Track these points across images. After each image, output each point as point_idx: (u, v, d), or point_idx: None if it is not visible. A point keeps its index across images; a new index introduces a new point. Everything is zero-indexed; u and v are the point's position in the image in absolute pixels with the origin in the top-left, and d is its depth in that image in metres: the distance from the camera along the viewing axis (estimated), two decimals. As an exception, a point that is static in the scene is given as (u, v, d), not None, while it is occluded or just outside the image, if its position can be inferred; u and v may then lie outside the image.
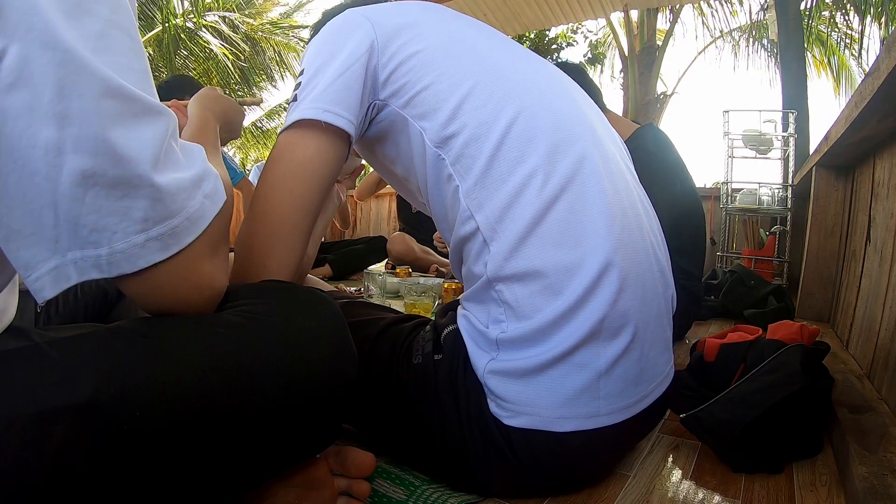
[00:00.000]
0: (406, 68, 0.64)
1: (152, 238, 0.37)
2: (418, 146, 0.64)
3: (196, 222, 0.40)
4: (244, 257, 0.61)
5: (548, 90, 0.66)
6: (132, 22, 0.38)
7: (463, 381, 0.62)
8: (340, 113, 0.62)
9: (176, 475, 0.41)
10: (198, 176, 0.41)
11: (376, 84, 0.65)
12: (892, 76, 0.81)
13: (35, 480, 0.35)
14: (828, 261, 1.83)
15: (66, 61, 0.33)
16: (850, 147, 1.43)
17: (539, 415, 0.58)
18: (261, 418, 0.44)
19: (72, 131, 0.33)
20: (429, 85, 0.63)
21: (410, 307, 1.49)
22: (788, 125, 3.09)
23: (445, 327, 0.67)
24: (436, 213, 0.69)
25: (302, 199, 0.62)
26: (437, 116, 0.62)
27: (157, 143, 0.37)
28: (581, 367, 0.58)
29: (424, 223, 2.79)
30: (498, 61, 0.66)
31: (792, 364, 0.79)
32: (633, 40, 6.72)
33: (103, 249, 0.36)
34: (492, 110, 0.61)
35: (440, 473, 0.67)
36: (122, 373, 0.38)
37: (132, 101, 0.36)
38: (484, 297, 0.62)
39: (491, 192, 0.60)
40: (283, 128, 0.64)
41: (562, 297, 0.57)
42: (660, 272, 0.66)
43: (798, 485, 0.71)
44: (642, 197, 0.71)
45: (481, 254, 0.61)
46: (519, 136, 0.60)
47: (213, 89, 0.75)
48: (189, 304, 0.43)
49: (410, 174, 0.69)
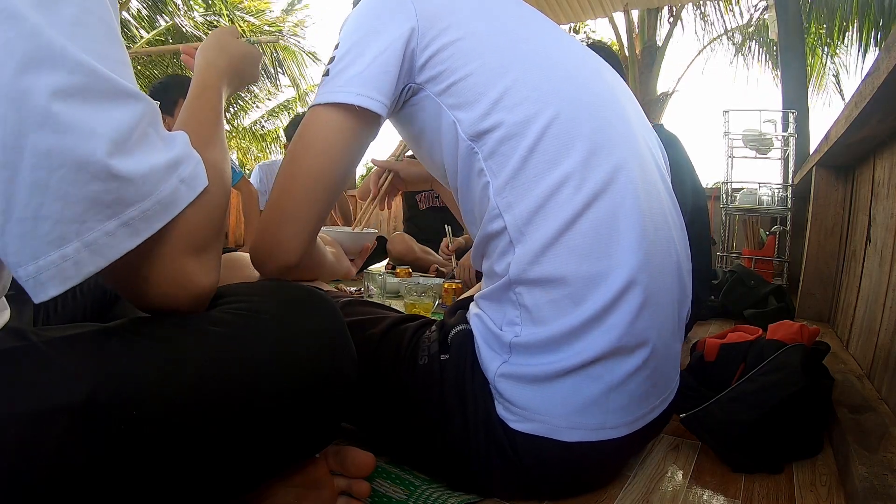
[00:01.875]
0: (446, 55, 0.61)
1: (123, 223, 0.35)
2: (450, 136, 0.62)
3: (168, 207, 0.38)
4: (263, 222, 0.61)
5: (590, 88, 0.63)
6: (109, 13, 0.37)
7: (470, 383, 0.61)
8: (375, 97, 0.60)
9: (174, 474, 0.41)
10: (174, 159, 0.39)
11: (413, 67, 0.63)
12: (892, 76, 0.81)
13: (33, 480, 0.35)
14: (828, 261, 1.83)
15: (28, 37, 0.31)
16: (850, 147, 1.43)
17: (547, 422, 0.57)
18: (259, 417, 0.44)
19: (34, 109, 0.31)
20: (468, 75, 0.60)
21: (410, 307, 1.49)
22: (788, 125, 3.09)
23: (453, 328, 0.66)
24: (463, 206, 0.68)
25: (322, 174, 0.61)
26: (473, 109, 0.60)
27: (125, 125, 0.35)
28: (594, 380, 0.57)
29: (429, 223, 2.78)
30: (540, 55, 0.63)
31: (792, 364, 0.78)
32: (634, 40, 6.72)
33: (70, 247, 0.33)
34: (530, 108, 0.59)
35: (440, 473, 0.67)
36: (119, 372, 0.38)
37: (103, 80, 0.34)
38: (502, 297, 0.61)
39: (522, 193, 0.58)
40: (315, 102, 0.62)
41: (581, 308, 0.56)
42: (680, 289, 0.66)
43: (798, 485, 0.71)
44: (673, 209, 0.69)
45: (506, 254, 0.60)
46: (556, 138, 0.58)
47: (221, 32, 0.66)
48: (174, 302, 0.42)
49: (439, 160, 0.67)
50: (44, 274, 0.33)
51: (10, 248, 0.33)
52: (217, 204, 0.44)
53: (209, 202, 0.42)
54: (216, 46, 0.64)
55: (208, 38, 0.65)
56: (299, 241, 0.61)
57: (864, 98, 0.99)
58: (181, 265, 0.41)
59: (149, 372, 0.39)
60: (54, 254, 0.33)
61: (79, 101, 0.33)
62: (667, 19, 6.91)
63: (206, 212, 0.42)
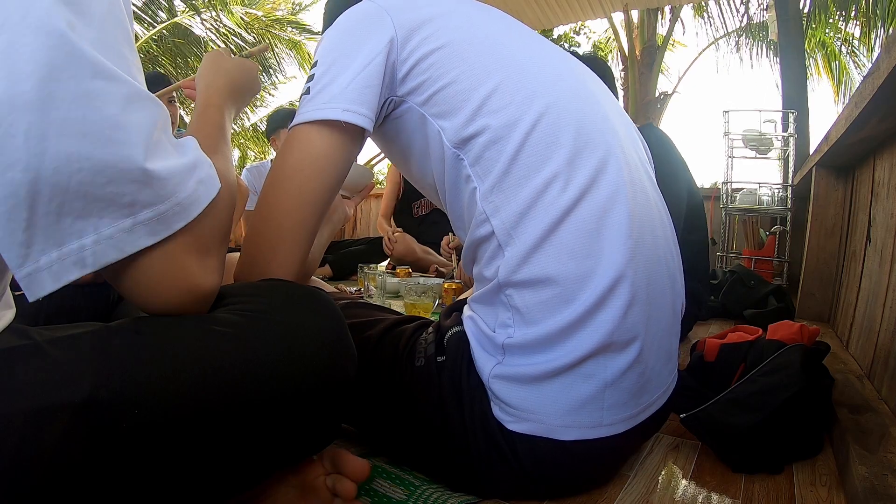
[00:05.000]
0: (426, 65, 0.62)
1: (140, 222, 0.37)
2: (436, 145, 0.63)
3: (187, 208, 0.40)
4: (248, 251, 0.61)
5: (572, 91, 0.64)
6: (124, 15, 0.39)
7: (466, 384, 0.61)
8: (362, 112, 0.61)
9: (175, 473, 0.41)
10: (191, 163, 0.41)
11: (394, 80, 0.63)
12: (893, 76, 0.81)
13: (34, 478, 0.35)
14: (828, 261, 1.83)
15: (56, 45, 0.33)
16: (850, 147, 1.43)
17: (542, 422, 0.58)
18: (261, 416, 0.44)
19: (58, 114, 0.33)
20: (449, 83, 0.61)
21: (410, 307, 1.49)
22: (788, 125, 3.09)
23: (449, 329, 0.66)
24: (452, 213, 0.68)
25: (313, 195, 0.61)
26: (457, 116, 0.60)
27: (147, 128, 0.37)
28: (587, 378, 0.57)
29: (424, 226, 2.78)
30: (521, 59, 0.64)
31: (792, 364, 0.79)
32: (634, 40, 6.72)
33: (89, 238, 0.35)
34: (514, 112, 0.59)
35: (440, 474, 0.67)
36: (120, 371, 0.38)
37: (123, 84, 0.36)
38: (493, 300, 0.61)
39: (509, 197, 0.59)
40: (297, 121, 0.62)
41: (572, 306, 0.57)
42: (671, 284, 0.66)
43: (798, 485, 0.71)
44: (660, 205, 0.69)
45: (495, 257, 0.60)
46: (540, 141, 0.59)
47: (215, 55, 0.67)
48: (176, 302, 0.42)
49: (426, 171, 0.68)
50: (68, 259, 0.35)
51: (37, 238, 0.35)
52: (223, 207, 0.45)
53: (216, 205, 0.43)
54: (212, 68, 0.65)
55: (202, 64, 0.67)
56: (294, 262, 0.61)
57: (864, 98, 0.99)
58: (184, 265, 0.41)
59: (151, 371, 0.39)
60: (75, 243, 0.35)
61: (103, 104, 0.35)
62: (666, 20, 6.92)
63: (213, 215, 0.43)
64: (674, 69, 24.50)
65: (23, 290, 0.35)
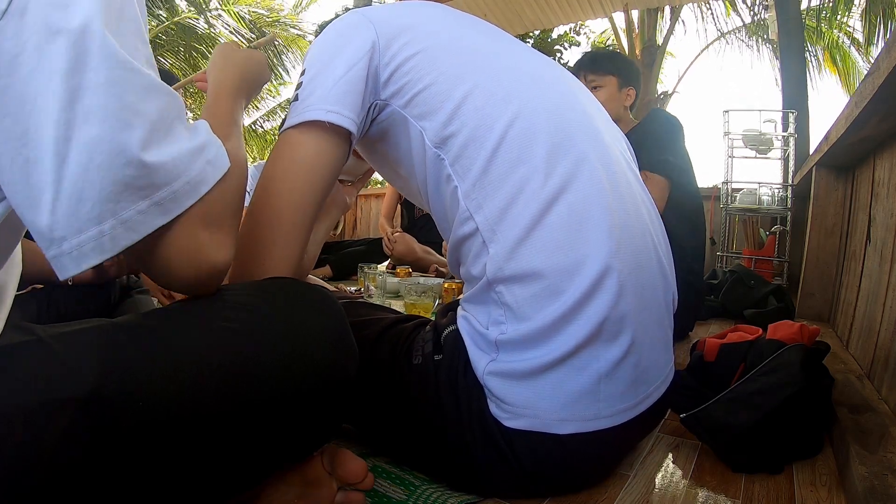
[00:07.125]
0: (407, 68, 0.64)
1: (154, 203, 0.38)
2: (418, 146, 0.64)
3: (196, 186, 0.41)
4: (242, 254, 0.61)
5: (549, 90, 0.66)
6: (136, 11, 0.40)
7: (463, 382, 0.62)
8: (344, 113, 0.62)
9: (177, 468, 0.41)
10: (200, 144, 0.42)
11: (377, 84, 0.65)
12: (893, 76, 0.81)
13: (37, 471, 0.35)
14: (828, 261, 1.83)
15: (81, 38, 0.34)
16: (850, 147, 1.43)
17: (539, 417, 0.58)
18: (261, 412, 0.44)
19: (84, 103, 0.35)
20: (429, 85, 0.63)
21: (410, 307, 1.49)
22: (788, 125, 3.09)
23: (446, 328, 0.67)
24: (436, 214, 0.70)
25: (303, 197, 0.62)
26: (436, 116, 0.62)
27: (163, 114, 0.39)
28: (581, 370, 0.58)
29: (424, 229, 2.78)
30: (499, 61, 0.66)
31: (792, 364, 0.79)
32: (634, 40, 6.72)
33: (107, 223, 0.36)
34: (491, 111, 0.61)
35: (440, 473, 0.67)
36: (124, 365, 0.38)
37: (138, 75, 0.37)
38: (484, 298, 0.62)
39: (490, 193, 0.60)
40: (285, 126, 0.64)
41: (561, 298, 0.57)
42: (661, 274, 0.66)
43: (798, 485, 0.71)
44: (645, 198, 0.71)
45: (480, 255, 0.61)
46: (518, 137, 0.60)
47: (225, 47, 0.67)
48: (188, 275, 0.43)
49: (411, 174, 0.69)
50: (86, 246, 0.36)
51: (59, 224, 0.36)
52: (233, 184, 0.46)
53: (226, 182, 0.44)
54: (221, 60, 0.66)
55: (212, 57, 0.68)
56: (289, 262, 0.62)
57: (864, 98, 0.99)
58: (197, 241, 0.42)
59: (154, 366, 0.40)
60: (94, 229, 0.36)
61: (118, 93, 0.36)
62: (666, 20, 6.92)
63: (222, 190, 0.44)
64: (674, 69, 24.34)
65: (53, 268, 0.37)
